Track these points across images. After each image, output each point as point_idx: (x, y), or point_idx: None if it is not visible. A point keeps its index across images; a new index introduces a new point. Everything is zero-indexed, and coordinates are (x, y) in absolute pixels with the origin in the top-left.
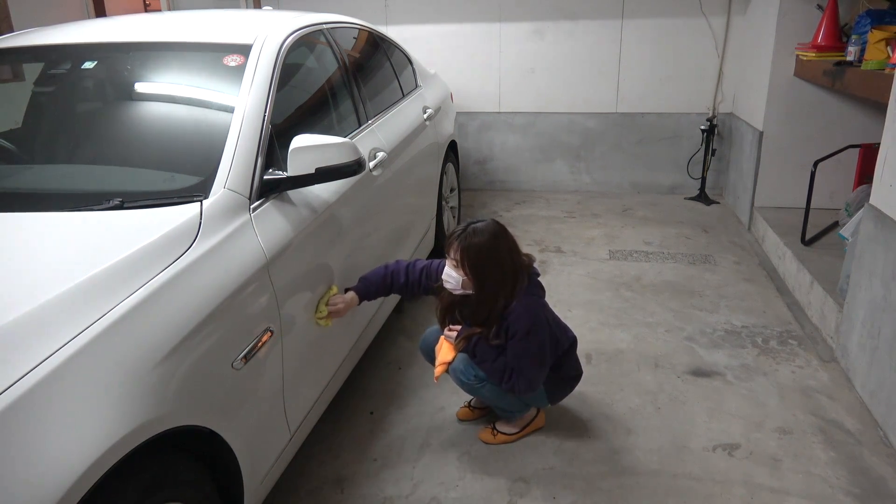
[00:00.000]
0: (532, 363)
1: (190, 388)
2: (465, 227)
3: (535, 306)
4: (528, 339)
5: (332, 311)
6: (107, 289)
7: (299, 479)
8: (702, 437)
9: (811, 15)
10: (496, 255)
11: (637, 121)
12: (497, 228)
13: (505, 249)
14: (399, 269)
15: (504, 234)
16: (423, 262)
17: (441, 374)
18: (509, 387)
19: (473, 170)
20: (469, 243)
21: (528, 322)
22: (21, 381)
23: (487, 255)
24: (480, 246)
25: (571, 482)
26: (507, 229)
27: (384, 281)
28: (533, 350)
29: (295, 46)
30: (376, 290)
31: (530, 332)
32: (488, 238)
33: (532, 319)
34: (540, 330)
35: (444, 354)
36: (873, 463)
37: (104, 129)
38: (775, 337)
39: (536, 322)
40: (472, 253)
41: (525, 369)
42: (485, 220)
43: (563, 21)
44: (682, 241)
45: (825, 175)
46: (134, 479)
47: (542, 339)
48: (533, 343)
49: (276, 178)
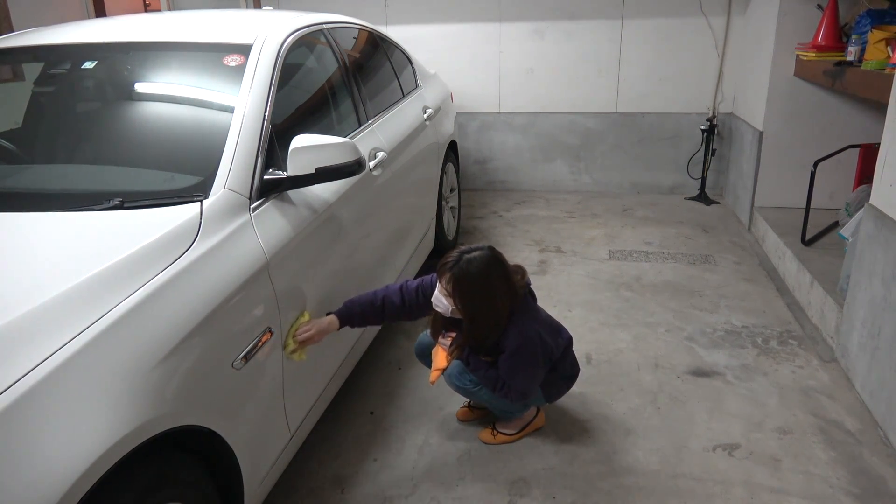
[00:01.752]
0: (524, 378)
1: (190, 387)
2: (459, 258)
3: (526, 328)
4: (519, 356)
5: (303, 340)
6: (107, 289)
7: (299, 479)
8: (702, 437)
9: (811, 15)
10: (488, 289)
11: (637, 121)
12: (490, 259)
13: (497, 281)
14: (391, 292)
15: (497, 263)
16: (414, 281)
17: (436, 379)
18: (502, 395)
19: (473, 170)
20: (461, 276)
21: (518, 342)
22: (21, 381)
23: (479, 290)
24: (472, 280)
25: (571, 482)
26: (500, 257)
27: (373, 305)
28: (524, 366)
29: (295, 46)
30: (363, 314)
31: (521, 349)
32: (481, 271)
33: (523, 340)
34: (531, 348)
35: (439, 361)
36: (873, 463)
37: (104, 129)
38: (775, 337)
39: (527, 342)
40: (463, 286)
41: (517, 383)
42: (480, 249)
43: (563, 21)
44: (682, 241)
45: (825, 175)
46: (134, 479)
47: (533, 356)
48: (524, 360)
49: (276, 178)
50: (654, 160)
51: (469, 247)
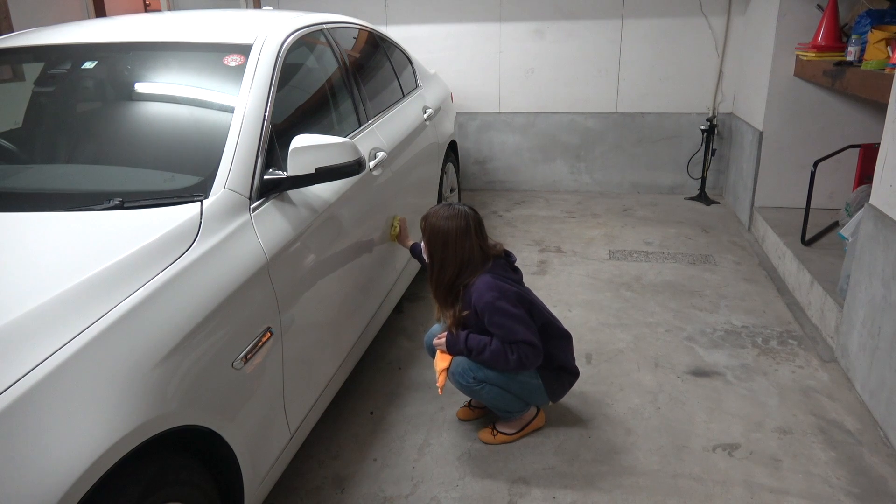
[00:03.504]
0: (517, 324)
1: (190, 387)
2: (440, 205)
3: (489, 280)
4: (498, 304)
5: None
6: (107, 289)
7: (299, 479)
8: (702, 437)
9: (811, 15)
10: (445, 235)
11: (637, 121)
12: (460, 215)
13: (457, 233)
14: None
15: (464, 220)
16: None
17: (444, 383)
18: (517, 361)
19: (473, 170)
20: (429, 218)
21: (487, 294)
22: (21, 381)
23: (440, 234)
24: (435, 223)
25: (571, 482)
26: (472, 218)
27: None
28: (510, 311)
29: (295, 46)
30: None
31: (496, 299)
32: (445, 220)
33: (488, 289)
34: (503, 295)
35: (440, 362)
36: (873, 463)
37: (104, 129)
38: (775, 337)
39: (495, 289)
40: (428, 227)
41: (516, 333)
42: (460, 206)
43: (563, 21)
44: (682, 241)
45: (825, 175)
46: (134, 478)
47: (510, 300)
48: (505, 306)
49: (276, 178)
50: (654, 160)
51: (451, 202)
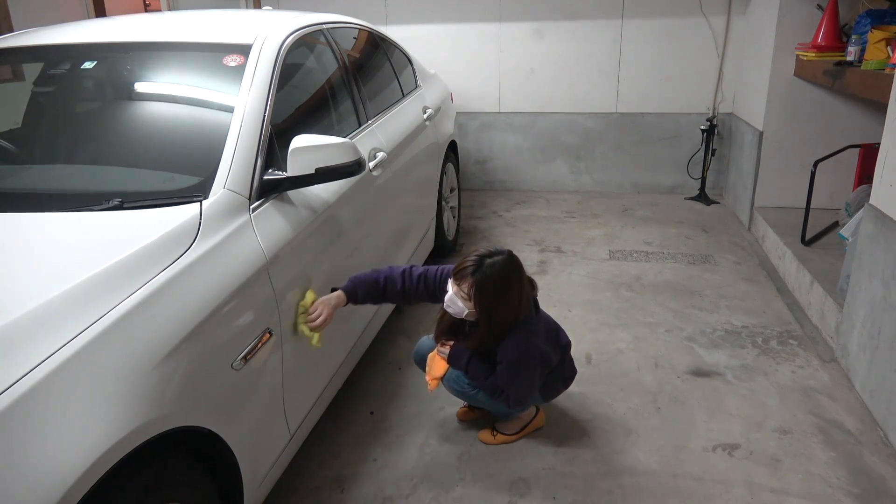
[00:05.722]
0: (522, 387)
1: (190, 388)
2: (481, 262)
3: (526, 339)
4: (517, 366)
5: (314, 327)
6: (106, 289)
7: (299, 479)
8: (702, 437)
9: (811, 15)
10: (508, 292)
11: (637, 121)
12: (511, 264)
13: (516, 285)
14: (394, 274)
15: (517, 268)
16: (420, 268)
17: (435, 387)
18: (506, 402)
19: (473, 170)
20: (484, 280)
21: (517, 352)
22: (21, 381)
23: (500, 293)
24: (494, 284)
25: (571, 482)
26: (519, 262)
27: (377, 285)
28: (522, 376)
29: (295, 46)
30: (366, 292)
31: (520, 360)
32: (503, 275)
33: (522, 351)
34: (530, 359)
35: (437, 370)
36: (873, 463)
37: (104, 130)
38: (775, 337)
39: (526, 353)
40: (485, 290)
41: (515, 391)
42: (501, 253)
43: (563, 21)
44: (682, 241)
45: (825, 175)
46: (134, 479)
47: (532, 366)
48: (522, 370)
49: (275, 179)
50: (654, 160)
51: (489, 250)
